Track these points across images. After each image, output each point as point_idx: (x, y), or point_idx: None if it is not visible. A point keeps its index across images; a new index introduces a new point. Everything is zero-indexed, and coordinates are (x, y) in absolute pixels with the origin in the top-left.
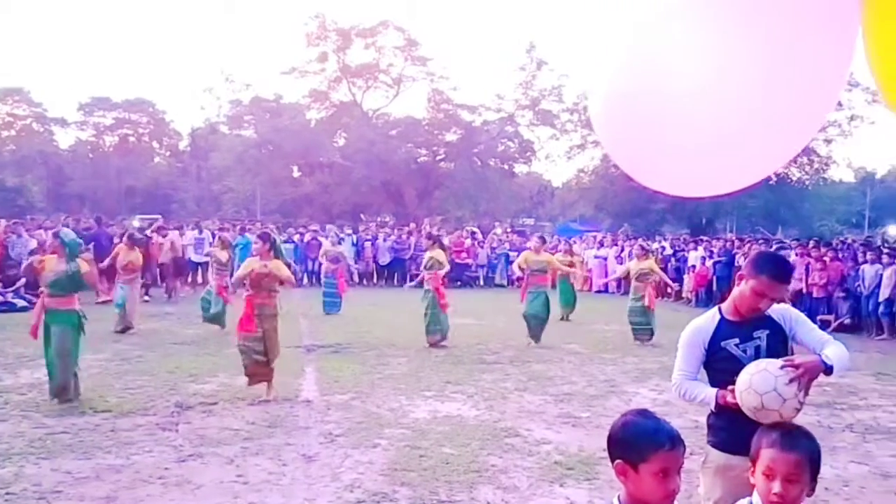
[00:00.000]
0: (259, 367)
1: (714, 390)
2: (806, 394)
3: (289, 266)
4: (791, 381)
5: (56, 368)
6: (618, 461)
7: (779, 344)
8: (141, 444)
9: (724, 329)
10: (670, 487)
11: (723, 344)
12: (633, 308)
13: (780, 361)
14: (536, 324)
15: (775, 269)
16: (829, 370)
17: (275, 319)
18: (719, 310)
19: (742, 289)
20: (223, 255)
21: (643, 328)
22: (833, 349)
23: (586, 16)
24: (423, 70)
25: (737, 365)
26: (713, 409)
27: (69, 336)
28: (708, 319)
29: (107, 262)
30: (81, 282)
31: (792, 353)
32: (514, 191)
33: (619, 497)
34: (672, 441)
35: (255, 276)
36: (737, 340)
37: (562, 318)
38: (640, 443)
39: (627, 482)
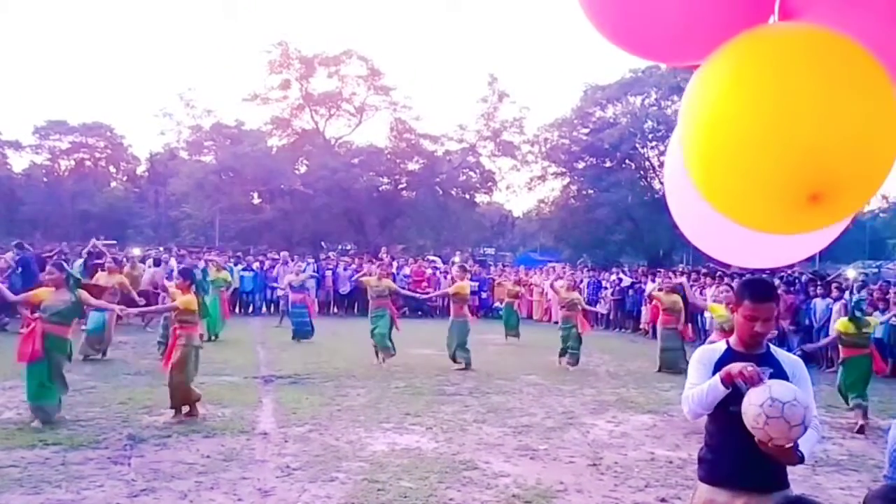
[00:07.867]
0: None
1: (717, 377)
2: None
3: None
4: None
5: (55, 391)
6: None
7: None
8: (92, 479)
9: (729, 357)
10: None
11: None
12: (565, 336)
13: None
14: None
15: (753, 290)
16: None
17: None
18: (727, 342)
19: (736, 318)
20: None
21: (574, 352)
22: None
23: (548, 51)
24: (386, 99)
25: (737, 392)
26: (721, 386)
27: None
28: (717, 345)
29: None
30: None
31: None
32: (475, 220)
33: None
34: None
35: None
36: None
37: (507, 338)
38: None
39: None
